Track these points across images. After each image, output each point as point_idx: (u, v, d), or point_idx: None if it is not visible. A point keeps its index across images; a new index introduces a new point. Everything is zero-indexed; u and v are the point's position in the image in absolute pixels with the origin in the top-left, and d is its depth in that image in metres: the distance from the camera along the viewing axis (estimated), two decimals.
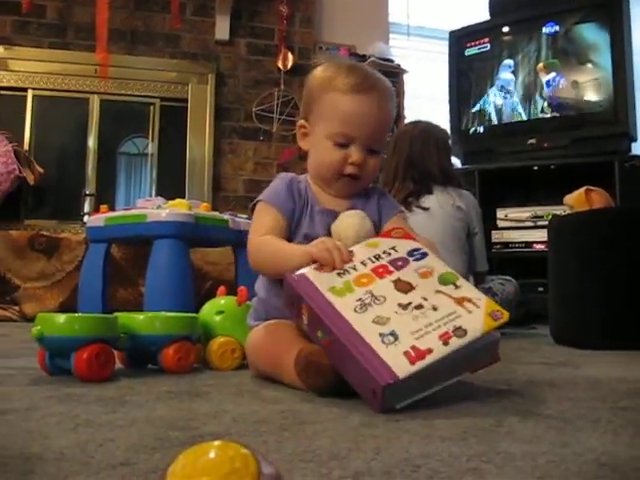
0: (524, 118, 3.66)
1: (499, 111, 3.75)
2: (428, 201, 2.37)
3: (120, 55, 4.00)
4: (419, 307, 0.93)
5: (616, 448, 0.68)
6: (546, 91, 3.59)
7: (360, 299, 0.96)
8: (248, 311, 1.34)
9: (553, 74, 3.58)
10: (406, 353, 0.85)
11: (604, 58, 3.42)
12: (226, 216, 2.52)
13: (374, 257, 1.04)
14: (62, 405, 0.89)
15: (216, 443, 0.41)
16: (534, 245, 3.44)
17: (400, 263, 1.02)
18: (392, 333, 0.88)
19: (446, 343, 0.86)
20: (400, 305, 0.93)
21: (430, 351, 0.85)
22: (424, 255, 1.04)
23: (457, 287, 0.97)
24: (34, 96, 3.90)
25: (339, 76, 1.20)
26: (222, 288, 1.51)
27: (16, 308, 3.03)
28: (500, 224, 3.57)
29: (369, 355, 0.87)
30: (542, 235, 3.08)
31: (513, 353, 1.76)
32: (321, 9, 4.51)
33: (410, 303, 0.93)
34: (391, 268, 1.01)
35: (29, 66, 3.87)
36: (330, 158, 1.22)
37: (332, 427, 0.77)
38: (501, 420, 0.81)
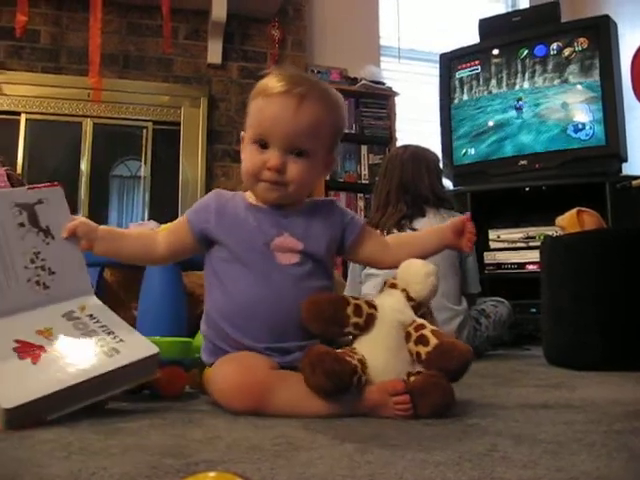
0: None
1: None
2: (421, 224, 2.37)
3: (113, 79, 4.01)
4: None
5: (611, 472, 0.68)
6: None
7: None
8: None
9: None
10: None
11: (593, 79, 3.46)
12: None
13: None
14: (54, 432, 0.89)
15: (211, 474, 0.40)
16: (526, 266, 3.45)
17: None
18: None
19: None
20: None
21: None
22: None
23: None
24: (27, 120, 3.89)
25: (269, 83, 1.18)
26: None
27: None
28: (492, 245, 3.57)
29: None
30: (534, 256, 3.09)
31: (507, 375, 1.76)
32: (312, 33, 4.55)
33: None
34: None
35: (22, 90, 3.87)
36: (250, 162, 1.21)
37: (327, 453, 0.76)
38: (496, 444, 0.81)
